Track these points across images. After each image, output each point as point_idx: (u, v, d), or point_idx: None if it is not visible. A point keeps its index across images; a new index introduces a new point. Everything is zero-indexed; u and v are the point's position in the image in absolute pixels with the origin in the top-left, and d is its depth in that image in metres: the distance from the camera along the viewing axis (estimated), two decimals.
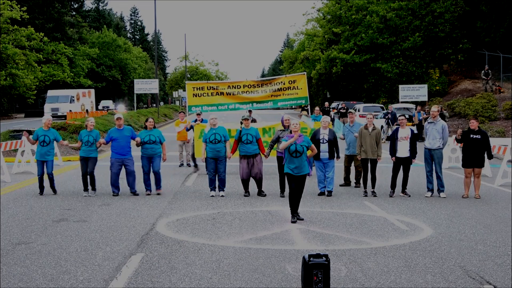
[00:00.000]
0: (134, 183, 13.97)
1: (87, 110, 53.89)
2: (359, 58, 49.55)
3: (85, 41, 76.23)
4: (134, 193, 13.90)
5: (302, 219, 10.97)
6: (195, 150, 17.49)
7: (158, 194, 13.98)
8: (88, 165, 13.81)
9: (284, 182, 13.58)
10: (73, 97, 52.96)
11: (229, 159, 14.14)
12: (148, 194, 13.93)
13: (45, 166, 13.93)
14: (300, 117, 12.96)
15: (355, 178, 15.39)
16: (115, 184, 13.89)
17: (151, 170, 14.00)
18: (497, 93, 39.10)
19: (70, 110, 48.99)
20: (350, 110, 18.39)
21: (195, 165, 18.38)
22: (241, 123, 14.33)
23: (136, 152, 14.59)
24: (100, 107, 66.68)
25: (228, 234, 9.79)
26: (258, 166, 13.84)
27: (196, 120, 18.28)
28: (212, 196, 13.70)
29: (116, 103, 74.29)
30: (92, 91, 59.08)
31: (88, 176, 13.84)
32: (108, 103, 70.57)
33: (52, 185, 14.06)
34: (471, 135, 13.74)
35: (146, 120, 14.35)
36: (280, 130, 13.75)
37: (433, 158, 13.95)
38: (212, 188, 13.83)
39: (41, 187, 13.96)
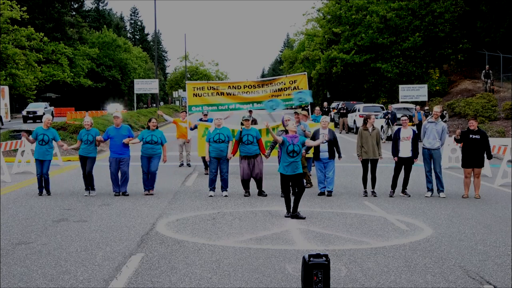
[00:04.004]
0: (126, 184, 13.90)
1: (0, 118, 37.44)
2: (359, 58, 49.50)
3: (85, 41, 76.20)
4: (124, 193, 13.81)
5: (304, 218, 11.06)
6: (198, 148, 17.39)
7: (151, 194, 13.87)
8: (86, 164, 13.77)
9: None
10: None
11: (230, 159, 14.13)
12: (147, 194, 13.91)
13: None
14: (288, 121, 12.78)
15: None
16: (115, 183, 13.88)
17: (149, 170, 13.90)
18: (492, 92, 38.99)
19: None
20: (296, 111, 18.03)
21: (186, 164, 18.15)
22: (242, 124, 14.28)
23: (135, 152, 14.54)
24: (23, 112, 48.25)
25: (228, 234, 9.80)
26: (258, 167, 13.84)
27: (201, 119, 18.20)
28: (211, 196, 13.70)
29: (115, 102, 67.11)
30: (6, 89, 40.72)
31: (87, 176, 13.79)
32: (39, 106, 49.09)
33: (47, 187, 13.91)
34: (470, 135, 13.74)
35: (149, 121, 14.20)
36: (281, 131, 13.77)
37: (432, 157, 13.96)
38: (212, 188, 13.83)
39: (41, 187, 13.91)
